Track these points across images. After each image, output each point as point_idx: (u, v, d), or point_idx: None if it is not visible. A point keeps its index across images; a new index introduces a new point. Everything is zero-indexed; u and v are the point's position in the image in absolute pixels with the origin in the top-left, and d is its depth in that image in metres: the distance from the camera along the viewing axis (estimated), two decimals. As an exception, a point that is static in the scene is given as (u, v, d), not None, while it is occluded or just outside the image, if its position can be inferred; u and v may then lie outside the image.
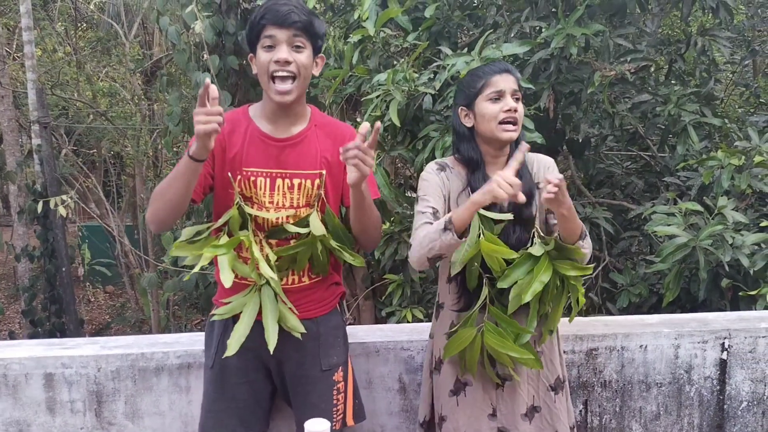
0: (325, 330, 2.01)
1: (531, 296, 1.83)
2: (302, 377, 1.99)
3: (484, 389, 2.01)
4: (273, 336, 1.84)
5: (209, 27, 4.36)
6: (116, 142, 10.68)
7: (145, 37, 10.20)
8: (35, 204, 6.54)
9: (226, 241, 1.82)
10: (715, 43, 4.01)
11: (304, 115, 1.95)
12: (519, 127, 1.94)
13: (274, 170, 1.90)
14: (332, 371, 2.02)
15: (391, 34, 3.78)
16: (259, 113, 1.93)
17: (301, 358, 1.99)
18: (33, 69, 7.19)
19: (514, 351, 1.89)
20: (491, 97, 1.93)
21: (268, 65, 1.80)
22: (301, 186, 1.91)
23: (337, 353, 2.04)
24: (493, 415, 2.01)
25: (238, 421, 1.99)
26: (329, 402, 2.01)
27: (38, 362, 2.22)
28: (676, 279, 3.28)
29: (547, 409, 2.00)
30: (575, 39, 3.18)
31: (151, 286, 6.03)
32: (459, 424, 2.01)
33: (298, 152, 1.91)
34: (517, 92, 1.95)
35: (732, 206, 3.32)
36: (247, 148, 1.89)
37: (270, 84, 1.82)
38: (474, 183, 1.97)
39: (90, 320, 10.11)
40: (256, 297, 1.87)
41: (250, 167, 1.88)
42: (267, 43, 1.80)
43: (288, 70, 1.81)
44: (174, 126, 4.90)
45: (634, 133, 4.61)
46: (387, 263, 4.27)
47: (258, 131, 1.91)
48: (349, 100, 5.09)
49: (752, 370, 2.56)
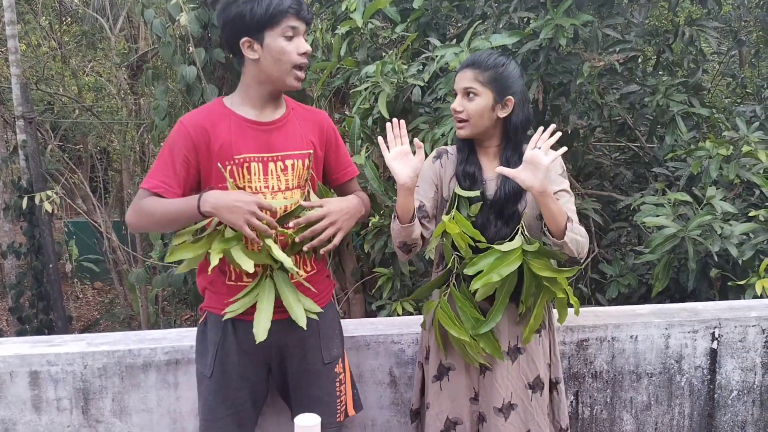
0: (324, 323, 2.01)
1: (480, 285, 1.83)
2: (305, 372, 1.99)
3: (467, 373, 2.04)
4: (301, 314, 1.83)
5: (194, 19, 4.32)
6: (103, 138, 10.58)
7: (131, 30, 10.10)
8: (20, 200, 6.47)
9: (236, 233, 1.79)
10: (702, 33, 4.01)
11: (283, 102, 1.99)
12: (470, 123, 1.95)
13: (266, 154, 1.89)
14: (333, 363, 2.04)
15: (379, 26, 3.76)
16: (239, 102, 1.93)
17: (303, 353, 1.99)
18: (17, 64, 7.09)
19: (460, 333, 1.92)
20: (454, 94, 2.01)
21: (291, 55, 1.84)
22: (294, 167, 1.92)
23: (336, 345, 2.06)
24: (475, 399, 2.04)
25: (237, 427, 1.98)
26: (333, 394, 2.03)
27: (23, 360, 2.19)
28: (665, 269, 3.28)
29: (523, 407, 2.00)
30: (564, 29, 3.16)
31: (140, 282, 5.97)
32: (442, 408, 2.04)
33: (285, 134, 1.93)
34: (469, 88, 1.94)
35: (720, 196, 3.32)
36: (236, 137, 1.88)
37: (292, 70, 1.86)
38: (459, 168, 2.02)
39: (79, 317, 10.04)
40: (269, 282, 1.85)
41: (242, 154, 1.87)
42: (289, 33, 1.83)
43: (306, 66, 1.89)
44: (160, 120, 4.85)
45: (623, 124, 4.61)
46: (377, 257, 4.25)
47: (243, 119, 1.90)
48: (337, 93, 5.06)
49: (742, 359, 2.56)
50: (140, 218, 1.86)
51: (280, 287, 1.85)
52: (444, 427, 2.04)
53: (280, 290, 1.84)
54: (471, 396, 2.05)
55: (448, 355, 2.04)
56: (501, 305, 1.91)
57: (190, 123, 1.88)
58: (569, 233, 1.83)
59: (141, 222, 1.87)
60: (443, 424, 2.04)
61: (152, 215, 1.83)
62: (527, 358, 2.01)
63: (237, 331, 1.92)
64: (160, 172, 1.87)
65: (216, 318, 1.95)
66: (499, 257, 1.86)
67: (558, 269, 1.88)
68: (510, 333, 2.01)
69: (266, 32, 1.82)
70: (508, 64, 1.97)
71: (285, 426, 2.28)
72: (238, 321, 1.91)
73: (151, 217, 1.83)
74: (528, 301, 1.92)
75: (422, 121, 3.33)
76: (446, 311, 1.95)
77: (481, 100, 1.93)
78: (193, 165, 1.88)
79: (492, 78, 1.93)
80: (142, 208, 1.84)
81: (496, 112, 1.96)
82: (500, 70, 1.94)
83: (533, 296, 1.93)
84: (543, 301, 1.93)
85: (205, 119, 1.88)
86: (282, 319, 1.85)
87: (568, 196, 1.97)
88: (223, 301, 1.90)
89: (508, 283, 1.89)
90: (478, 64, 1.94)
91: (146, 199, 1.84)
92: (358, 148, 3.36)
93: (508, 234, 1.93)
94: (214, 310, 1.95)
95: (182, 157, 1.86)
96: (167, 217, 1.82)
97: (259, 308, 1.82)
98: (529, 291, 1.91)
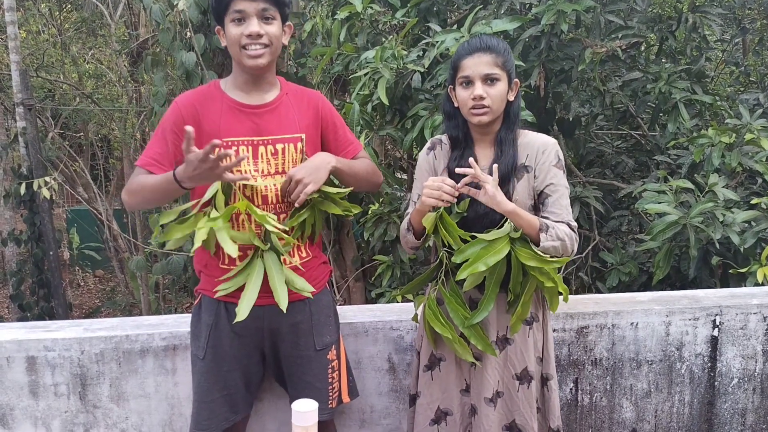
0: (317, 309, 2.01)
1: (467, 274, 1.82)
2: (297, 357, 1.99)
3: (459, 365, 2.03)
4: (284, 296, 1.81)
5: (194, 5, 4.27)
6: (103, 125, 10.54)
7: (131, 17, 10.03)
8: (20, 187, 6.45)
9: (222, 212, 1.78)
10: (706, 20, 3.97)
11: (275, 84, 1.97)
12: (492, 109, 1.89)
13: (255, 138, 1.89)
14: (326, 350, 2.03)
15: (379, 11, 3.72)
16: (231, 85, 1.93)
17: (295, 338, 1.98)
18: (17, 51, 7.06)
19: (446, 332, 1.93)
20: (461, 82, 1.93)
21: (239, 38, 1.82)
22: (284, 151, 1.91)
23: (329, 332, 2.05)
24: (466, 391, 2.04)
25: (229, 408, 1.98)
26: (324, 381, 2.02)
27: (20, 345, 2.18)
28: (667, 257, 3.26)
29: (509, 395, 1.99)
30: (566, 15, 3.13)
31: (140, 270, 5.97)
32: (433, 398, 2.04)
33: (277, 117, 1.92)
34: (491, 74, 1.88)
35: (723, 184, 3.31)
36: (225, 120, 1.88)
37: (242, 52, 1.83)
38: (452, 162, 1.99)
39: (80, 305, 10.05)
40: (259, 263, 1.84)
41: (231, 137, 1.87)
42: (236, 17, 1.81)
43: (260, 43, 1.83)
44: (160, 107, 4.82)
45: (625, 111, 4.58)
46: (376, 244, 4.24)
47: (233, 101, 1.90)
48: (338, 80, 5.03)
49: (743, 347, 2.55)
50: (131, 195, 1.89)
51: (269, 269, 1.83)
52: (434, 417, 2.04)
53: (269, 271, 1.83)
54: (462, 388, 2.04)
55: (438, 347, 2.04)
56: (492, 294, 1.90)
57: (182, 102, 1.90)
58: (544, 242, 1.84)
59: (133, 199, 1.89)
60: (434, 413, 2.04)
61: (141, 191, 1.86)
62: (515, 349, 1.99)
63: (230, 314, 1.92)
64: (151, 149, 1.91)
65: (209, 300, 1.96)
66: (486, 246, 1.84)
67: (543, 258, 1.85)
68: (499, 323, 1.99)
69: (225, 19, 1.84)
70: (508, 47, 1.95)
71: (283, 412, 2.27)
72: (230, 304, 1.91)
73: (140, 194, 1.87)
74: (516, 288, 1.90)
75: (422, 108, 3.30)
76: (433, 309, 1.96)
77: (502, 85, 1.90)
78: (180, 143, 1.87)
79: (505, 62, 1.91)
80: (132, 184, 1.88)
81: (507, 96, 1.93)
82: (509, 53, 1.93)
83: (521, 284, 1.91)
84: (531, 290, 1.90)
85: (198, 100, 1.90)
86: (274, 303, 1.83)
87: (560, 191, 1.93)
88: (216, 283, 1.90)
89: (497, 272, 1.88)
90: (493, 48, 1.89)
91: (137, 177, 1.88)
92: (357, 135, 3.34)
93: (497, 222, 1.91)
94: (208, 293, 1.96)
95: (172, 135, 1.89)
96: (153, 191, 1.84)
97: (246, 287, 1.82)
98: (517, 279, 1.89)
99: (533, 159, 1.94)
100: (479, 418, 1.99)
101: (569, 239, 1.88)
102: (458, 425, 2.04)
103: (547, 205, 1.93)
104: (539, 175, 1.93)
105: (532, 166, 1.93)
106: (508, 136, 1.94)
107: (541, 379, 2.05)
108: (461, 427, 2.05)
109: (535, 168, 1.93)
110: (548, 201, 1.92)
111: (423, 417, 2.05)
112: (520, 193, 1.92)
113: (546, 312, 2.05)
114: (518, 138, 1.97)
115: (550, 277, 1.88)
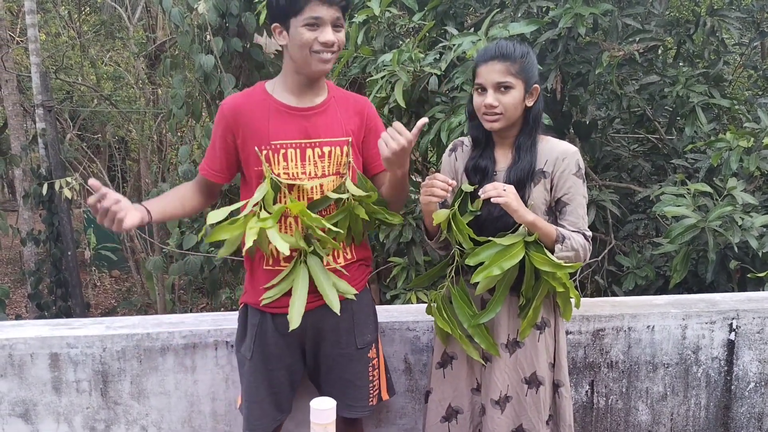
0: (358, 308, 2.03)
1: (482, 278, 1.83)
2: (338, 356, 2.01)
3: (470, 364, 2.05)
4: (335, 300, 1.85)
5: (212, 8, 4.32)
6: (120, 127, 10.65)
7: (149, 20, 10.14)
8: (40, 188, 6.53)
9: (273, 212, 1.80)
10: (724, 23, 3.96)
11: (324, 88, 1.98)
12: (505, 116, 1.90)
13: (304, 140, 1.90)
14: (367, 348, 2.05)
15: (396, 14, 3.74)
16: (280, 88, 1.93)
17: (337, 337, 2.01)
18: (36, 53, 7.16)
19: (453, 331, 1.95)
20: (476, 89, 1.95)
21: (311, 43, 1.80)
22: (331, 154, 1.92)
23: (370, 331, 2.07)
24: (477, 390, 2.06)
25: (276, 407, 2.02)
26: (365, 379, 2.04)
27: (43, 342, 2.22)
28: (684, 261, 3.25)
29: (517, 399, 1.99)
30: (583, 18, 3.14)
31: (156, 270, 6.02)
32: (444, 395, 2.06)
33: (324, 120, 1.93)
34: (504, 83, 1.88)
35: (741, 188, 3.29)
36: (273, 123, 1.89)
37: (312, 56, 1.82)
38: (470, 161, 2.03)
39: (96, 304, 10.14)
40: (303, 268, 1.86)
41: (279, 140, 1.88)
42: (311, 22, 1.79)
43: (331, 50, 1.82)
44: (177, 109, 4.88)
45: (642, 115, 4.57)
46: (391, 246, 4.25)
47: (281, 104, 1.91)
48: (354, 83, 5.05)
49: (760, 351, 2.54)
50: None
51: (314, 273, 1.86)
52: (445, 414, 2.06)
53: (314, 276, 1.86)
54: (473, 386, 2.06)
55: (449, 344, 2.05)
56: (501, 296, 1.91)
57: (227, 106, 1.92)
58: (558, 252, 1.86)
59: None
60: (445, 411, 2.06)
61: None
62: (525, 353, 1.99)
63: (275, 323, 1.96)
64: (207, 156, 1.98)
65: (254, 308, 2.00)
66: (501, 250, 1.85)
67: (558, 264, 1.85)
68: (510, 326, 2.00)
69: (291, 20, 1.80)
70: (529, 52, 1.94)
71: (302, 413, 2.29)
72: (277, 315, 1.95)
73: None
74: (528, 292, 1.91)
75: (439, 111, 3.32)
76: (438, 305, 1.98)
77: (516, 93, 1.89)
78: (231, 146, 1.92)
79: (522, 68, 1.89)
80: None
81: (525, 102, 1.93)
82: (527, 59, 1.91)
83: (532, 288, 1.92)
84: (542, 294, 1.91)
85: (244, 103, 1.91)
86: (318, 305, 1.87)
87: (578, 200, 1.94)
88: (259, 288, 1.93)
89: (509, 275, 1.89)
90: (508, 55, 1.88)
91: (185, 183, 2.00)
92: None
93: (510, 226, 1.92)
94: (253, 305, 1.99)
95: (221, 140, 1.92)
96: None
97: (294, 294, 1.83)
98: (529, 283, 1.90)
99: (551, 165, 1.94)
100: (486, 419, 2.01)
101: (582, 249, 1.91)
102: (468, 423, 2.05)
103: (564, 213, 1.94)
104: (557, 182, 1.93)
105: (549, 173, 1.94)
106: (526, 141, 1.95)
107: (552, 385, 2.05)
108: (472, 425, 2.06)
109: (552, 175, 1.94)
110: (566, 209, 1.93)
111: (434, 414, 2.07)
112: (535, 198, 1.93)
113: (558, 318, 2.04)
114: (539, 143, 1.97)
115: (561, 282, 1.88)
